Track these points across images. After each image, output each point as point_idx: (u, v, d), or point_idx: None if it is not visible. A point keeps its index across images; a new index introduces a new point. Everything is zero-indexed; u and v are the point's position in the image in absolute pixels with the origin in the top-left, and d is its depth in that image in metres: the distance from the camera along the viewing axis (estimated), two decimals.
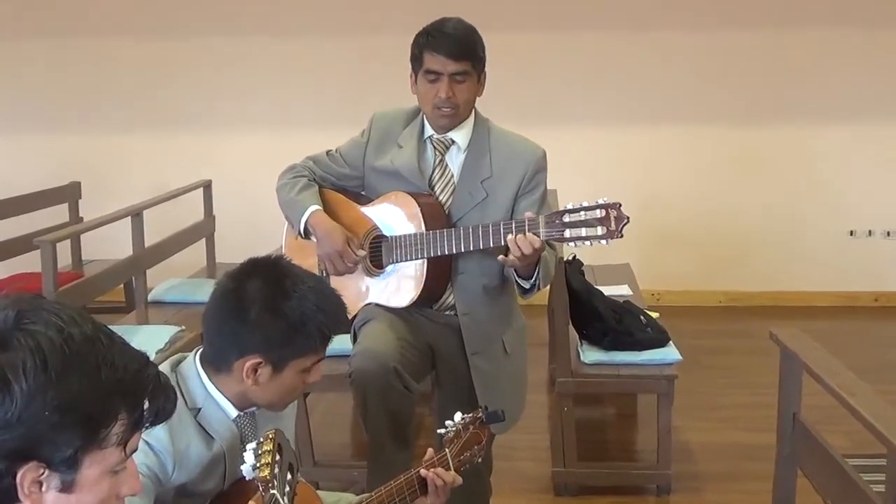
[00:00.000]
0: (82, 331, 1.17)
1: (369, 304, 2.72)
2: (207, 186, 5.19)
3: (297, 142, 5.36)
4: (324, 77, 5.93)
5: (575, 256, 3.92)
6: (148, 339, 3.56)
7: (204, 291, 4.50)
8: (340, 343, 3.10)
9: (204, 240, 5.14)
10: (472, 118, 2.67)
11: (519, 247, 2.42)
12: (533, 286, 2.56)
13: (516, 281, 2.59)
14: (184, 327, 3.80)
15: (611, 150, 5.90)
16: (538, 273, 2.52)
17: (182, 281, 4.66)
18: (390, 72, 4.49)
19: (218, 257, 5.19)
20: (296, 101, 5.96)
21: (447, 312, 2.72)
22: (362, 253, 2.67)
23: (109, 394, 1.16)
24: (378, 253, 2.70)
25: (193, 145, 6.04)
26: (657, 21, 5.79)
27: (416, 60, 2.60)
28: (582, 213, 2.35)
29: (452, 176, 2.67)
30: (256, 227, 5.77)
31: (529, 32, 5.82)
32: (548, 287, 2.91)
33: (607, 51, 5.82)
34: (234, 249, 5.11)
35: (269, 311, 1.71)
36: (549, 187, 2.70)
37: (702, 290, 6.00)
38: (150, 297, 4.40)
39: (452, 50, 2.53)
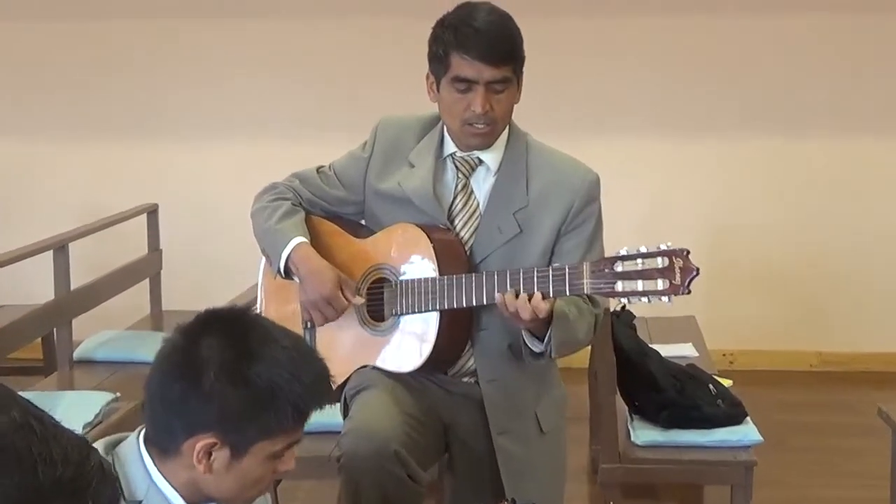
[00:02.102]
0: (9, 418, 1.17)
1: (366, 366, 2.75)
2: (153, 212, 5.22)
3: (277, 154, 5.41)
4: (312, 70, 5.97)
5: (625, 307, 3.94)
6: (73, 409, 3.55)
7: (146, 348, 4.56)
8: (326, 415, 3.13)
9: (147, 281, 5.17)
10: (505, 133, 2.71)
11: (508, 309, 2.46)
12: (544, 353, 2.58)
13: (523, 339, 2.60)
14: (119, 394, 3.81)
15: (670, 168, 5.94)
16: (549, 337, 2.53)
17: (118, 334, 4.68)
18: (400, 63, 4.54)
19: (166, 303, 5.21)
20: (275, 100, 6.00)
21: (465, 379, 2.75)
22: (359, 300, 2.70)
23: (47, 498, 1.16)
24: (379, 301, 2.73)
25: (135, 158, 6.08)
26: (736, 2, 5.85)
27: (440, 62, 2.62)
28: (639, 261, 2.38)
29: (478, 205, 2.71)
30: (218, 264, 5.81)
31: (568, 17, 5.88)
32: (588, 345, 2.94)
33: (668, 39, 5.87)
34: (188, 294, 5.14)
35: (227, 376, 1.71)
36: None
37: (789, 350, 6.01)
38: (76, 354, 4.42)
39: (490, 52, 2.56)
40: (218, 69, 6.03)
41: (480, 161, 2.71)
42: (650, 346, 3.81)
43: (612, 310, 3.70)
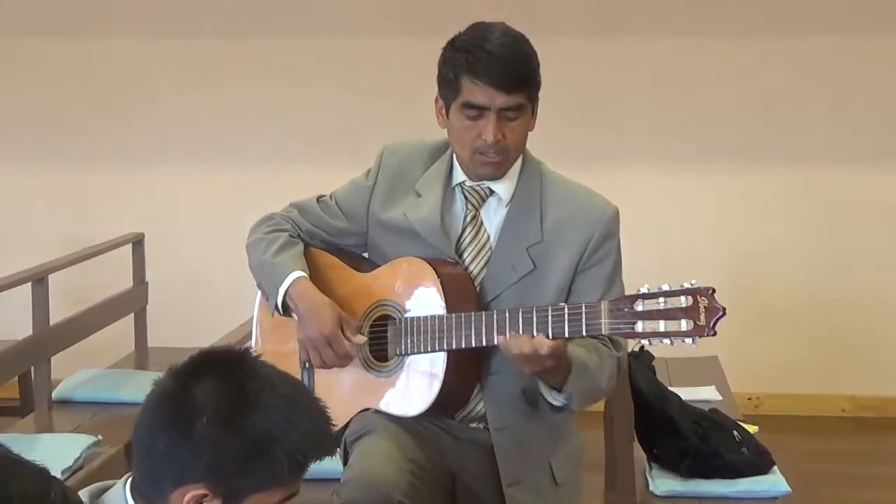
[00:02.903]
0: None
1: (367, 410, 2.74)
2: (138, 242, 5.24)
3: (273, 182, 5.41)
4: (313, 91, 5.99)
5: (643, 347, 3.94)
6: (51, 453, 3.52)
7: (131, 387, 4.55)
8: (324, 462, 3.12)
9: (132, 316, 5.17)
10: (518, 162, 2.73)
11: (511, 350, 2.47)
12: (565, 406, 2.58)
13: (540, 393, 2.60)
14: (101, 437, 3.79)
15: (693, 199, 5.96)
16: (568, 386, 2.53)
17: (101, 372, 4.67)
18: (408, 85, 4.55)
19: (152, 340, 5.20)
20: (271, 123, 6.02)
21: (474, 425, 2.74)
22: (360, 339, 2.70)
23: None
24: (382, 340, 2.73)
25: (120, 184, 6.10)
26: (765, 23, 5.85)
27: (449, 87, 2.64)
28: (661, 299, 2.38)
29: (489, 238, 2.71)
30: (208, 299, 5.82)
31: (588, 37, 5.90)
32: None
33: (691, 63, 5.90)
34: (176, 330, 5.15)
35: (220, 424, 1.71)
36: None
37: (819, 393, 5.99)
38: (55, 394, 4.42)
39: (503, 77, 2.56)
40: (209, 90, 6.05)
41: (492, 191, 2.71)
42: (670, 389, 3.80)
43: (630, 349, 3.69)
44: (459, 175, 2.73)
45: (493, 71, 2.56)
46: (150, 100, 6.06)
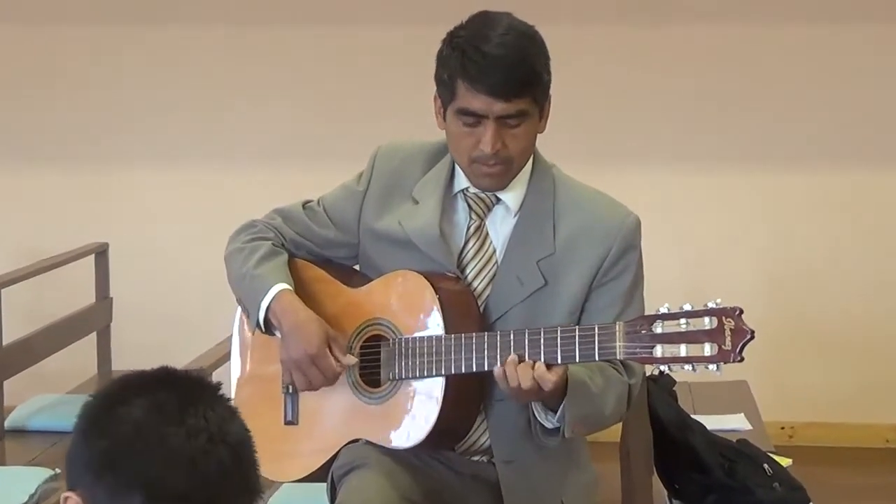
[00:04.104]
0: None
1: (357, 440, 2.75)
2: (101, 253, 5.25)
3: (254, 186, 5.41)
4: (297, 85, 5.96)
5: (663, 372, 3.94)
6: (2, 488, 3.57)
7: None
8: (310, 498, 3.12)
9: (94, 335, 5.18)
10: (529, 165, 2.73)
11: (509, 383, 2.47)
12: (557, 429, 2.58)
13: (533, 412, 2.61)
14: (59, 470, 3.81)
15: (719, 206, 5.94)
16: (562, 411, 2.53)
17: (58, 399, 4.70)
18: (405, 79, 4.51)
19: (116, 362, 5.22)
20: (251, 121, 5.98)
21: (477, 458, 2.75)
22: (351, 360, 2.70)
23: None
24: (374, 362, 2.73)
25: (80, 189, 6.07)
26: (810, 10, 5.83)
27: (445, 88, 2.64)
28: (682, 320, 2.39)
29: (494, 251, 2.72)
30: (180, 316, 5.80)
31: (603, 24, 5.89)
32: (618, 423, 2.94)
33: (717, 53, 5.89)
34: (143, 351, 5.09)
35: (96, 429, 1.69)
36: None
37: (860, 423, 5.97)
38: (7, 422, 4.45)
39: (502, 85, 2.56)
40: (181, 81, 6.02)
41: (498, 199, 2.72)
42: (693, 417, 3.80)
43: (648, 373, 3.69)
44: (462, 180, 2.73)
45: (490, 77, 2.56)
46: (113, 93, 6.03)
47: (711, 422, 3.96)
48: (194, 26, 6.00)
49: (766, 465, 3.62)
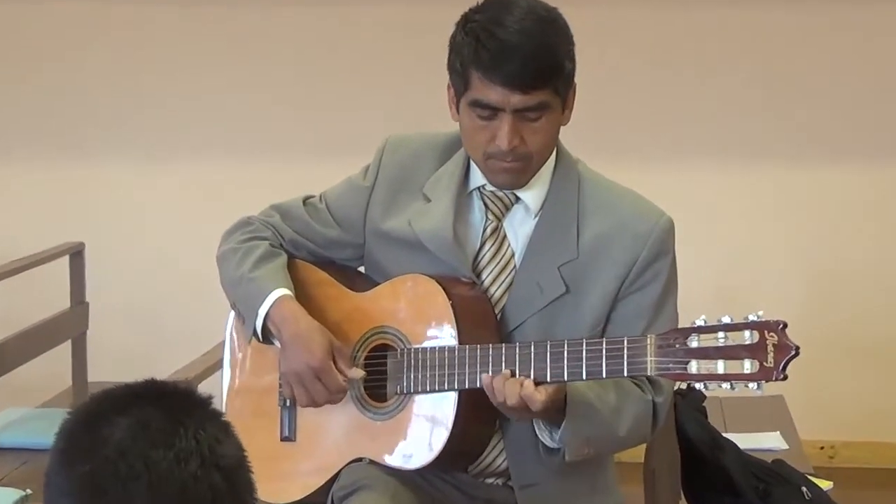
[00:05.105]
0: None
1: (360, 460, 2.74)
2: (77, 254, 5.22)
3: (248, 180, 5.38)
4: (295, 69, 5.93)
5: (691, 385, 3.94)
6: None
7: None
8: None
9: (69, 343, 5.16)
10: (551, 161, 2.72)
11: (495, 397, 2.48)
12: (559, 449, 2.59)
13: (534, 429, 2.62)
14: (30, 491, 3.81)
15: (759, 206, 5.93)
16: (564, 428, 2.53)
17: (31, 413, 4.70)
18: (416, 64, 4.50)
19: (93, 372, 5.18)
20: (245, 108, 5.95)
21: (491, 481, 2.74)
22: (358, 373, 2.70)
23: None
24: (380, 375, 2.73)
25: (54, 183, 6.06)
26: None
27: (458, 77, 2.62)
28: (720, 334, 2.38)
29: (513, 255, 2.71)
30: (162, 323, 5.80)
31: (628, 7, 5.86)
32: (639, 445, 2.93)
33: (755, 38, 5.87)
34: (122, 361, 5.12)
35: (75, 451, 1.67)
36: None
37: None
38: None
39: (520, 76, 2.54)
40: (164, 66, 6.01)
41: (517, 198, 2.71)
42: (725, 435, 3.81)
43: (675, 387, 3.69)
44: (478, 177, 2.72)
45: (506, 67, 2.54)
46: (89, 79, 6.02)
47: (744, 440, 3.96)
48: (174, 8, 5.99)
49: (804, 489, 3.62)
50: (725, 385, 2.39)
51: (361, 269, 2.86)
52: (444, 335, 2.65)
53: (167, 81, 6.00)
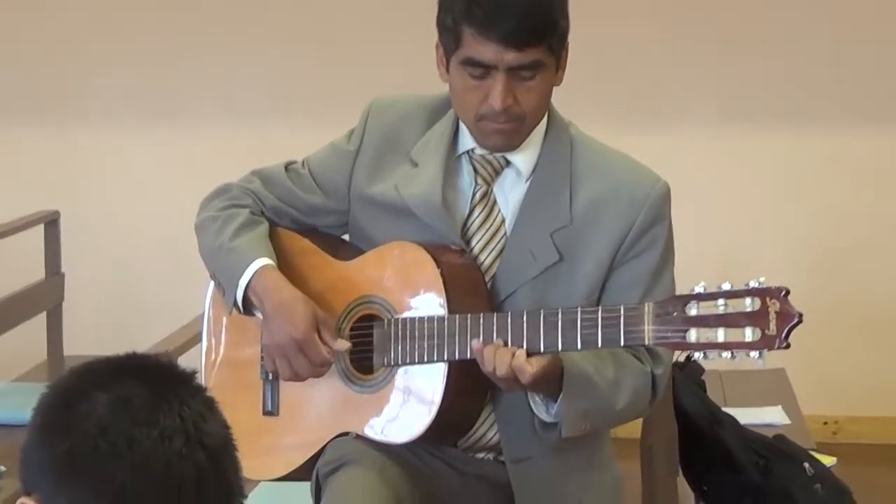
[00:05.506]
0: None
1: (346, 434, 2.74)
2: (52, 223, 5.24)
3: (227, 145, 5.40)
4: (276, 28, 5.94)
5: (690, 357, 3.94)
6: None
7: None
8: (290, 499, 3.11)
9: (44, 315, 5.17)
10: (543, 124, 2.72)
11: (484, 365, 2.48)
12: (555, 423, 2.59)
13: (530, 404, 2.61)
14: (4, 468, 3.81)
15: (759, 172, 5.96)
16: (560, 403, 2.53)
17: (4, 387, 4.70)
18: (403, 20, 4.50)
19: (69, 346, 5.21)
20: (223, 70, 5.97)
21: (482, 456, 2.75)
22: (344, 345, 2.69)
23: None
24: (367, 347, 2.73)
25: (27, 148, 6.08)
26: None
27: (449, 35, 2.61)
28: (720, 301, 2.38)
29: (503, 221, 2.71)
30: (140, 294, 5.81)
31: None
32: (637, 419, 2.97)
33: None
34: (99, 333, 5.13)
35: (54, 428, 1.67)
36: None
37: None
38: None
39: (514, 32, 2.53)
40: (141, 27, 6.01)
41: (508, 162, 2.71)
42: (724, 409, 3.81)
43: (674, 359, 3.69)
44: (467, 141, 2.72)
45: (500, 23, 2.54)
46: (65, 41, 6.03)
47: (745, 415, 3.97)
48: None
49: (806, 465, 3.63)
50: (726, 354, 2.37)
51: (346, 236, 2.85)
52: (432, 305, 2.65)
53: (146, 43, 6.00)
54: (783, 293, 2.35)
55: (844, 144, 5.94)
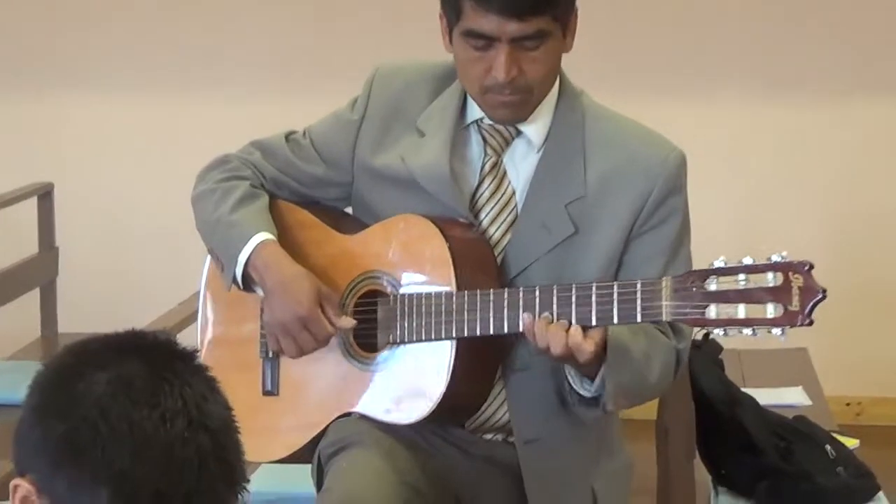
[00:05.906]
0: None
1: (349, 415, 2.74)
2: (45, 195, 5.25)
3: (226, 115, 5.40)
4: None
5: (708, 335, 3.94)
6: None
7: None
8: (291, 482, 3.12)
9: (38, 291, 5.18)
10: (554, 92, 2.71)
11: (537, 343, 2.47)
12: (596, 399, 2.57)
13: (567, 378, 2.61)
14: None
15: (781, 142, 5.96)
16: (601, 380, 2.52)
17: None
18: None
19: (63, 323, 5.23)
20: (221, 37, 5.98)
21: (491, 437, 2.76)
22: (348, 322, 2.70)
23: None
24: (371, 324, 2.73)
25: (19, 118, 6.08)
26: None
27: (450, 6, 2.60)
28: (741, 276, 2.37)
29: (514, 193, 2.71)
30: (138, 269, 5.82)
31: None
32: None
33: None
34: (95, 309, 5.12)
35: (52, 408, 1.67)
36: None
37: None
38: None
39: (514, 3, 2.51)
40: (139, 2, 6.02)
41: (518, 132, 2.70)
42: (743, 390, 3.83)
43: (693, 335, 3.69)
44: (476, 110, 2.71)
45: None
46: (58, 9, 6.04)
47: (764, 396, 3.99)
48: None
49: (828, 447, 3.65)
50: (747, 331, 2.36)
51: (349, 209, 2.85)
52: (440, 280, 2.64)
53: (139, 15, 6.02)
54: (807, 267, 2.34)
55: (872, 112, 5.93)
